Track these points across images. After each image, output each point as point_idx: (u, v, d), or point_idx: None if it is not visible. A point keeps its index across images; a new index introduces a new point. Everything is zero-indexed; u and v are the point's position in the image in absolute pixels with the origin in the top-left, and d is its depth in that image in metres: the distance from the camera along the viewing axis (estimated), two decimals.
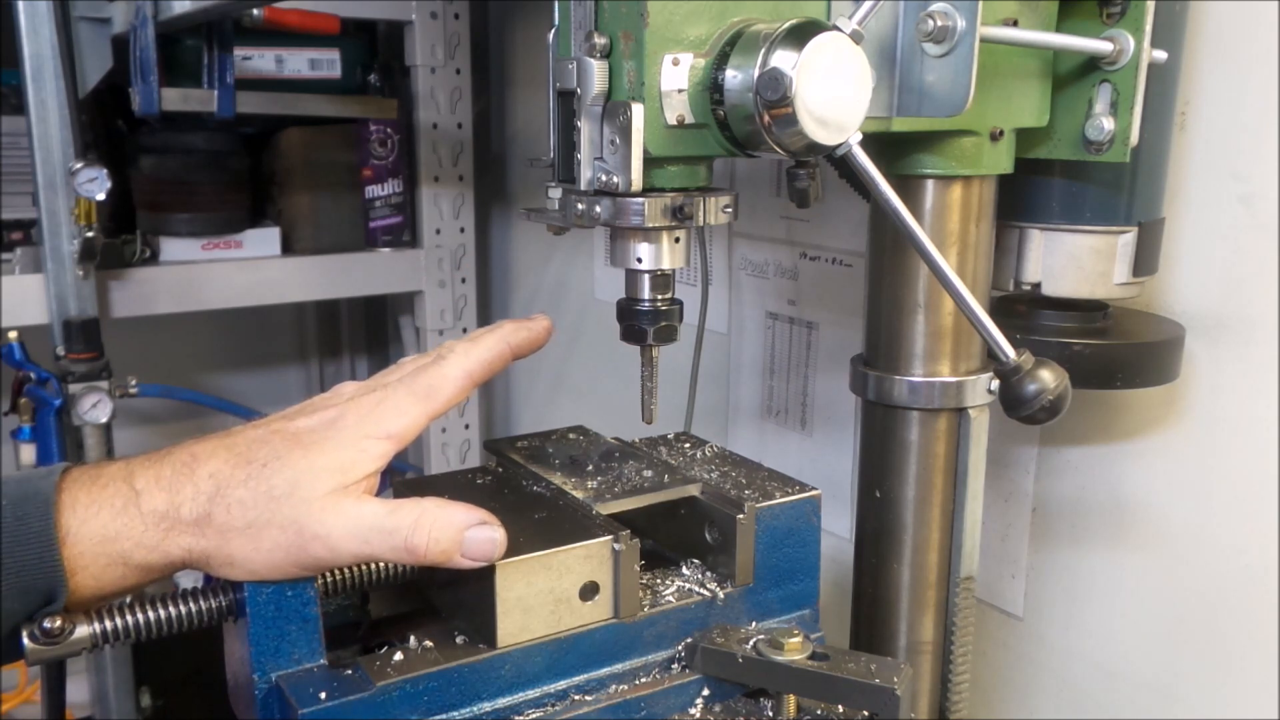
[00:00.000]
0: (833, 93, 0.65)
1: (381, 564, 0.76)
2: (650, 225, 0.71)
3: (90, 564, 0.65)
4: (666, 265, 0.75)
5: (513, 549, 0.72)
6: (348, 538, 0.67)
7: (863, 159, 0.68)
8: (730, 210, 0.74)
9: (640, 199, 0.70)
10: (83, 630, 0.67)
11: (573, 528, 0.76)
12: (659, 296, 0.77)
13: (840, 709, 0.78)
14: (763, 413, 1.48)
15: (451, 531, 0.69)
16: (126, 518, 0.66)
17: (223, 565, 0.67)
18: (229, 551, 0.66)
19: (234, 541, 0.66)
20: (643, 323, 0.77)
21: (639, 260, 0.75)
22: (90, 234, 1.54)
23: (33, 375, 1.59)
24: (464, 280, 2.02)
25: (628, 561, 0.75)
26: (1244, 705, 0.98)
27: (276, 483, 0.66)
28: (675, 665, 0.79)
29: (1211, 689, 1.01)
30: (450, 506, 0.70)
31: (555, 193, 0.76)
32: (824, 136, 0.65)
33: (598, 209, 0.71)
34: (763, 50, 0.64)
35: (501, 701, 0.73)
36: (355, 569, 0.75)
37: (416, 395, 0.71)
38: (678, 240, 0.75)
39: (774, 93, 0.63)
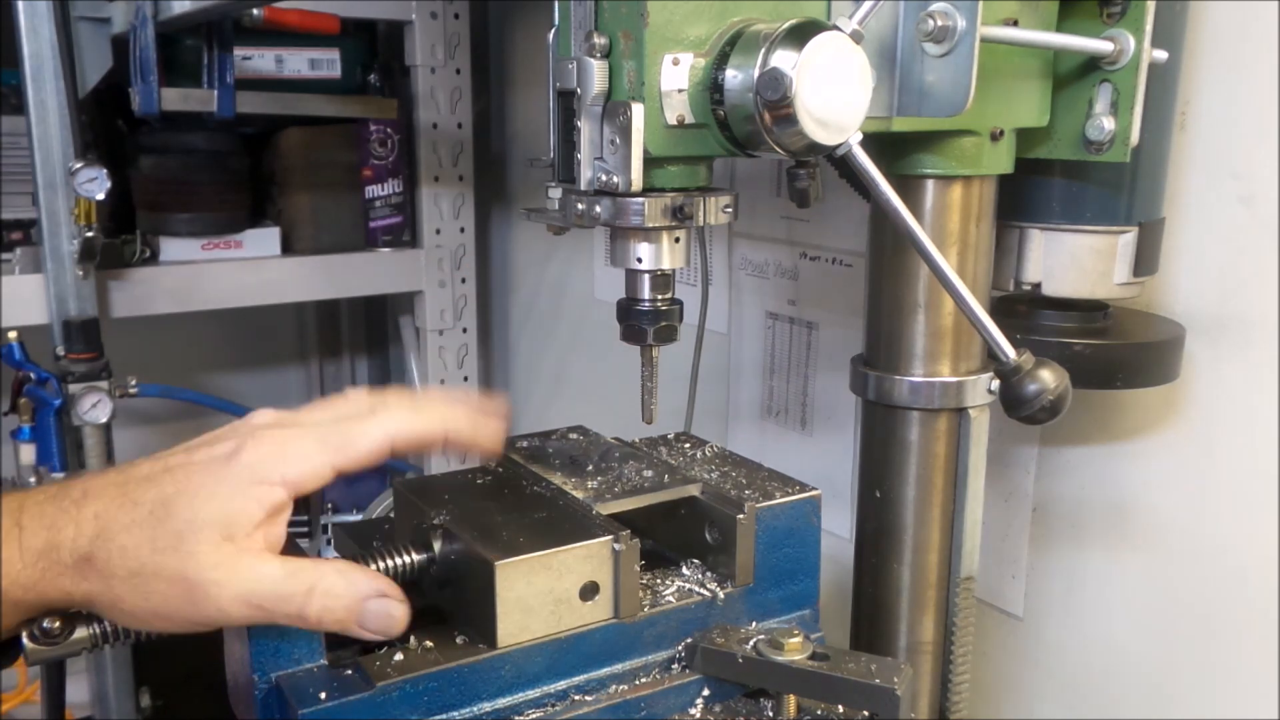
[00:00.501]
0: (833, 93, 0.65)
1: (381, 564, 0.75)
2: (650, 225, 0.71)
3: None
4: (666, 265, 0.75)
5: (513, 549, 0.72)
6: (236, 602, 0.63)
7: (863, 159, 0.68)
8: (730, 210, 0.74)
9: (640, 199, 0.70)
10: (83, 630, 0.67)
11: (573, 528, 0.76)
12: (659, 296, 0.76)
13: (840, 709, 0.78)
14: (763, 413, 1.48)
15: (348, 600, 0.65)
16: (7, 553, 0.62)
17: (110, 610, 0.64)
18: (114, 596, 0.63)
19: (118, 588, 0.63)
20: (643, 323, 0.77)
21: (639, 260, 0.75)
22: (90, 234, 1.54)
23: (32, 375, 1.59)
24: (464, 280, 2.02)
25: (628, 561, 0.75)
26: (1243, 705, 0.98)
27: (160, 533, 0.62)
28: (675, 665, 0.79)
29: (1210, 688, 1.01)
30: (351, 573, 0.66)
31: (555, 193, 0.76)
32: (824, 136, 0.65)
33: (598, 209, 0.71)
34: (763, 50, 0.64)
35: (501, 701, 0.73)
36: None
37: (326, 445, 0.66)
38: (678, 240, 0.75)
39: (774, 93, 0.63)
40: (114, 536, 0.63)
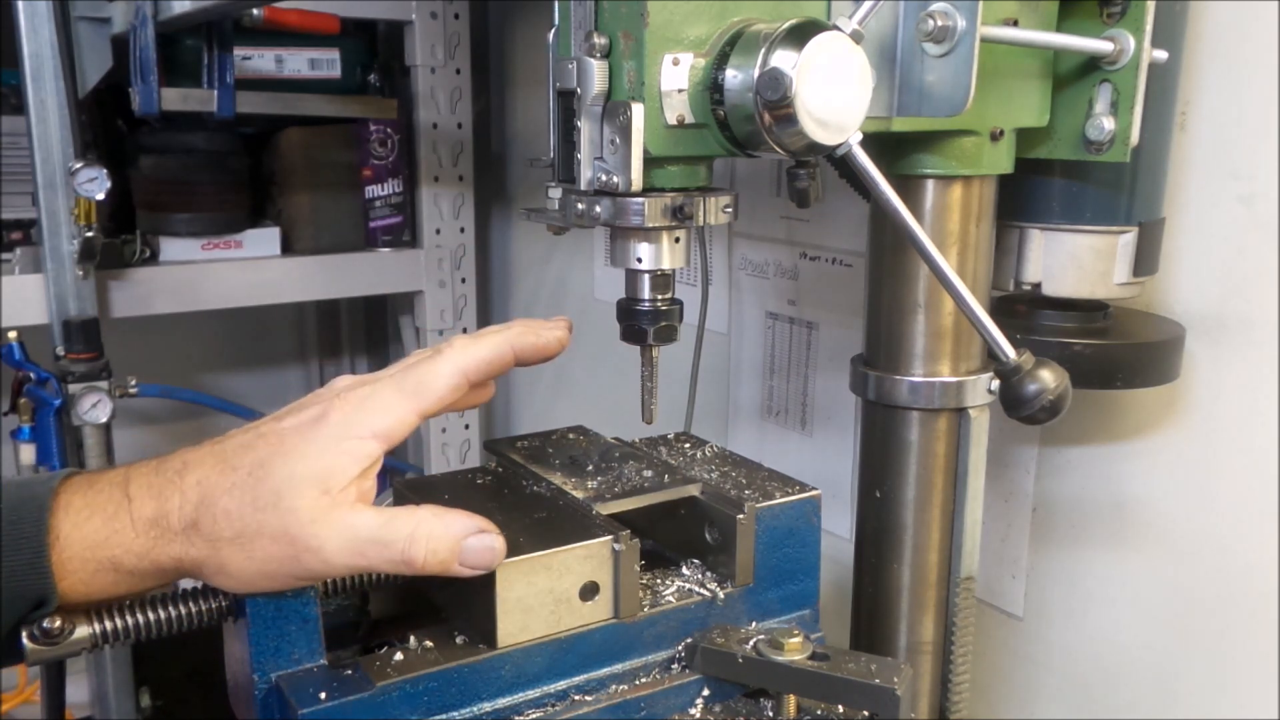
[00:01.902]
0: (833, 93, 0.65)
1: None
2: (650, 225, 0.71)
3: (79, 569, 0.64)
4: (666, 265, 0.75)
5: (513, 549, 0.72)
6: (341, 551, 0.65)
7: (863, 159, 0.68)
8: (730, 210, 0.74)
9: (640, 199, 0.70)
10: (83, 630, 0.67)
11: (573, 528, 0.76)
12: (659, 296, 0.76)
13: (840, 709, 0.78)
14: (763, 413, 1.48)
15: (449, 542, 0.67)
16: (118, 524, 0.65)
17: (216, 574, 0.66)
18: (220, 561, 0.65)
19: (224, 551, 0.65)
20: (643, 323, 0.77)
21: (639, 260, 0.75)
22: (90, 234, 1.54)
23: (32, 375, 1.59)
24: (464, 280, 2.02)
25: (628, 561, 0.75)
26: (1244, 705, 0.98)
27: (260, 492, 0.65)
28: (675, 665, 0.79)
29: (1211, 688, 1.01)
30: (447, 515, 0.68)
31: (555, 193, 0.76)
32: (824, 136, 0.65)
33: (598, 209, 0.71)
34: (763, 50, 0.64)
35: (501, 701, 0.73)
36: None
37: (404, 392, 0.69)
38: (678, 240, 0.75)
39: (774, 93, 0.63)
40: (216, 501, 0.65)
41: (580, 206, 0.72)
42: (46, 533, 0.64)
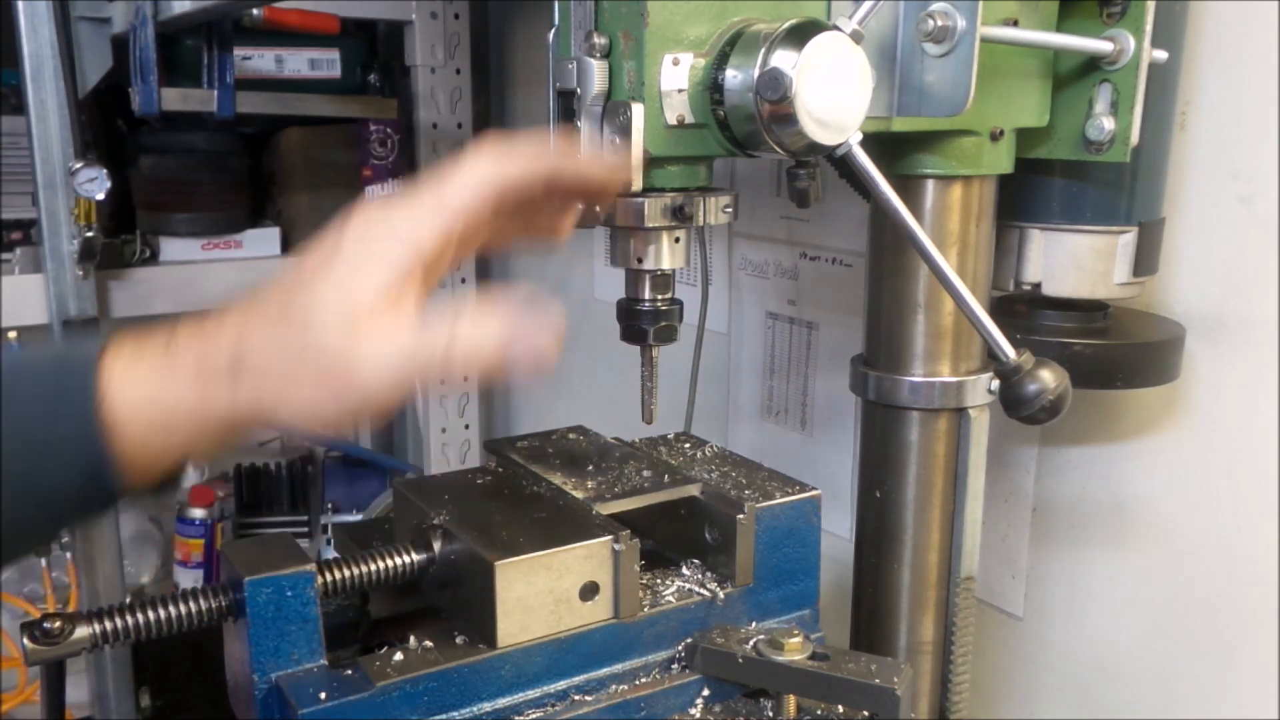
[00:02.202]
0: (833, 93, 0.65)
1: (381, 564, 0.75)
2: (650, 225, 0.71)
3: (133, 426, 0.61)
4: (666, 265, 0.75)
5: (513, 549, 0.72)
6: (379, 370, 0.61)
7: (863, 159, 0.68)
8: (730, 210, 0.74)
9: (640, 199, 0.70)
10: (83, 630, 0.67)
11: (573, 528, 0.76)
12: (659, 296, 0.76)
13: (840, 709, 0.78)
14: (763, 413, 1.48)
15: (489, 344, 0.63)
16: (165, 375, 0.62)
17: (267, 413, 0.63)
18: (268, 397, 0.62)
19: (269, 386, 0.62)
20: (643, 323, 0.77)
21: (639, 260, 0.75)
22: (90, 234, 1.54)
23: None
24: (464, 280, 2.02)
25: (628, 561, 0.75)
26: (1244, 705, 0.98)
27: (291, 322, 0.62)
28: (675, 665, 0.79)
29: (1212, 688, 1.01)
30: (485, 315, 0.63)
31: None
32: (824, 136, 0.65)
33: (598, 209, 0.71)
34: (763, 50, 0.64)
35: (501, 701, 0.73)
36: (354, 569, 0.75)
37: (423, 203, 0.64)
38: (678, 240, 0.75)
39: (774, 93, 0.63)
40: (252, 337, 0.63)
41: (580, 206, 0.72)
42: (95, 386, 0.60)
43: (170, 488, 0.66)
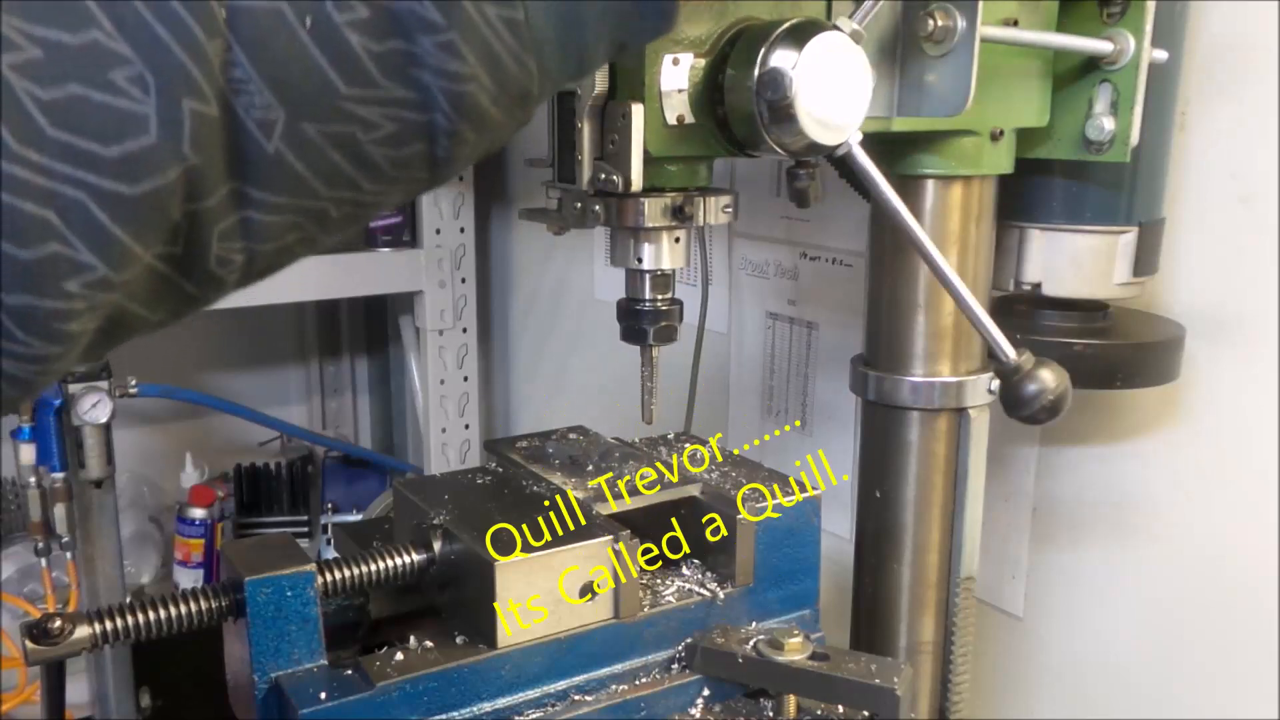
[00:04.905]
0: (833, 93, 0.65)
1: (381, 564, 0.75)
2: (650, 225, 0.71)
3: None
4: (667, 265, 0.75)
5: (513, 549, 0.72)
6: None
7: (863, 159, 0.68)
8: (730, 210, 0.74)
9: (640, 199, 0.70)
10: (83, 630, 0.67)
11: (573, 528, 0.76)
12: (659, 296, 0.77)
13: (840, 709, 0.78)
14: (763, 413, 1.48)
15: None
16: None
17: None
18: None
19: None
20: (643, 323, 0.77)
21: (639, 260, 0.75)
22: None
23: None
24: (464, 280, 2.02)
25: (628, 562, 0.75)
26: (1244, 705, 0.98)
27: None
28: (675, 665, 0.79)
29: (1211, 689, 1.01)
30: None
31: (555, 193, 0.76)
32: (824, 136, 0.65)
33: (597, 209, 0.71)
34: (763, 50, 0.64)
35: (501, 701, 0.73)
36: (354, 569, 0.75)
37: None
38: (678, 240, 0.75)
39: (774, 93, 0.63)
40: None
41: (580, 206, 0.72)
42: None
43: None
